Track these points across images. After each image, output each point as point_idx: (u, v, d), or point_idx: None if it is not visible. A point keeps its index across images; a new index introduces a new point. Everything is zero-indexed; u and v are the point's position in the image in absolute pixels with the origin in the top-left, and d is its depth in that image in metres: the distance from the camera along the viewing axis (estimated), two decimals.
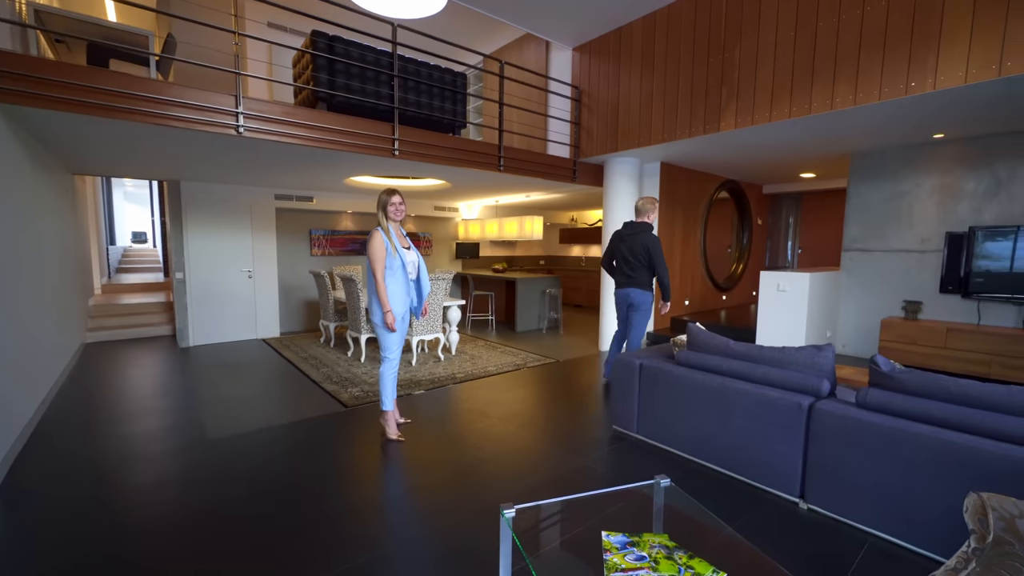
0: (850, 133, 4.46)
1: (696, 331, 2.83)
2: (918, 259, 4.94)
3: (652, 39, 4.97)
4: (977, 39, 3.09)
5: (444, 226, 8.84)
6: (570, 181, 5.94)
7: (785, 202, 8.70)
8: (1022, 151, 4.34)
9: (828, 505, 2.14)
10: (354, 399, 3.93)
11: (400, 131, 4.33)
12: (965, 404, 1.84)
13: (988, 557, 1.15)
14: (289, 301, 7.04)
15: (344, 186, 6.43)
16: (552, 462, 2.74)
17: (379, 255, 2.80)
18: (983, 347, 4.31)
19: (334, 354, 5.54)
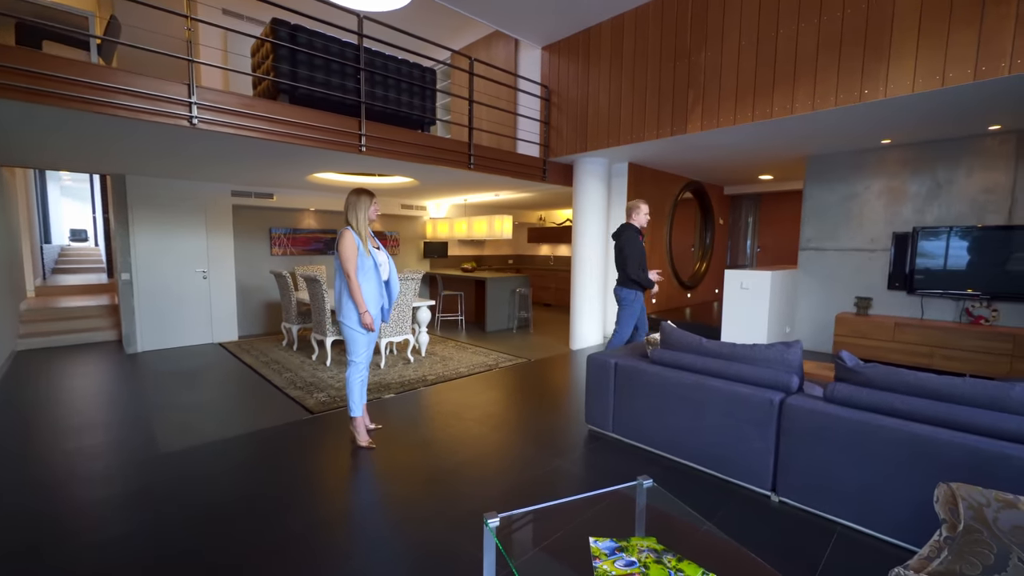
0: (807, 137, 4.66)
1: (669, 330, 2.87)
2: (868, 257, 5.23)
3: (620, 41, 5.03)
4: (923, 52, 3.28)
5: (411, 225, 8.67)
6: (540, 180, 5.93)
7: (744, 203, 9.03)
8: (959, 156, 4.65)
9: (799, 497, 2.21)
10: (320, 405, 3.77)
11: (367, 126, 4.19)
12: (924, 396, 1.93)
13: (959, 545, 1.20)
14: (248, 303, 6.71)
15: (307, 183, 6.18)
16: (529, 464, 2.71)
17: (351, 255, 2.73)
18: (926, 340, 4.60)
19: (298, 358, 5.32)
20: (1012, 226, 4.37)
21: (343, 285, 2.81)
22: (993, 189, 4.51)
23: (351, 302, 2.79)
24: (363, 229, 2.83)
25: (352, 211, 2.83)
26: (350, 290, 2.76)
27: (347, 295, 2.80)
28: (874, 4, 3.45)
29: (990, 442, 1.72)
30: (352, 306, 2.79)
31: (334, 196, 7.22)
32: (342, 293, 2.82)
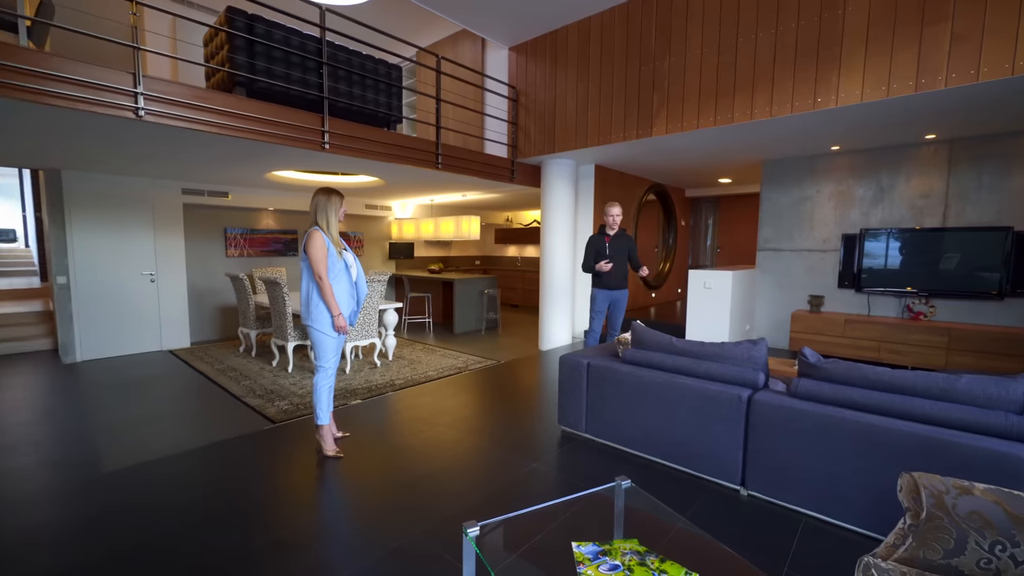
0: (765, 142, 4.86)
1: (641, 329, 2.91)
2: (820, 258, 5.51)
3: (587, 44, 5.08)
4: (870, 64, 3.48)
5: (376, 225, 8.46)
6: (508, 181, 5.92)
7: (704, 205, 9.34)
8: (900, 163, 4.97)
9: (766, 490, 2.28)
10: (283, 413, 3.60)
11: (331, 123, 4.04)
12: (881, 389, 2.03)
13: (922, 532, 1.26)
14: (201, 307, 6.35)
15: (265, 181, 5.91)
16: (504, 468, 2.68)
17: (322, 256, 2.63)
18: (873, 335, 4.88)
19: (257, 364, 5.07)
20: (946, 228, 4.72)
21: (312, 288, 2.70)
22: (929, 194, 4.85)
23: (321, 305, 2.69)
24: (333, 230, 2.75)
25: (321, 212, 2.73)
26: (322, 293, 2.67)
27: (317, 298, 2.70)
28: (826, 18, 3.63)
29: (941, 431, 1.83)
30: (323, 309, 2.70)
31: (295, 195, 6.95)
32: (311, 296, 2.71)
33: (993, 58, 3.06)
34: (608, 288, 4.38)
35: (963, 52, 3.15)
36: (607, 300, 4.41)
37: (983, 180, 4.56)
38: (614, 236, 4.37)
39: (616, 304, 4.44)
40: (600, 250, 4.35)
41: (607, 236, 4.36)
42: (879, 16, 3.42)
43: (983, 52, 3.09)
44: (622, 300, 4.45)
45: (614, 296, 4.41)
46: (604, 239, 4.37)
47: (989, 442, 1.73)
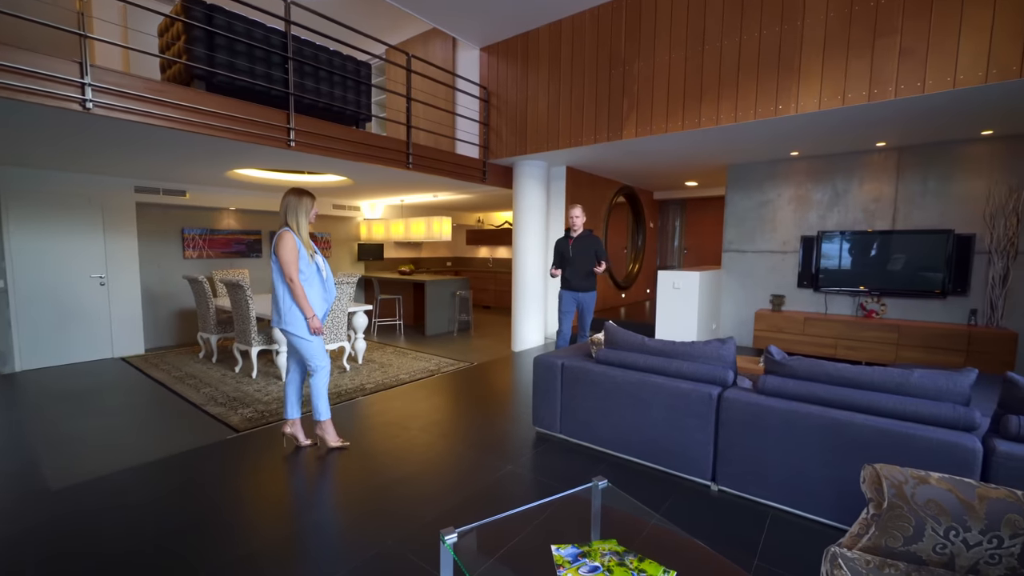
0: (730, 146, 5.01)
1: (613, 330, 2.94)
2: (781, 259, 5.73)
3: (558, 47, 5.12)
4: (827, 74, 3.64)
5: (345, 226, 8.26)
6: (480, 182, 5.89)
7: (672, 207, 9.57)
8: (853, 169, 5.24)
9: (735, 485, 2.34)
10: (247, 421, 3.46)
11: (296, 120, 3.92)
12: (842, 384, 2.12)
13: (884, 521, 1.32)
14: (157, 312, 6.04)
15: (226, 179, 5.67)
16: (480, 471, 2.65)
17: (293, 258, 2.61)
18: (830, 332, 5.12)
19: (218, 371, 4.86)
20: (894, 231, 4.99)
21: (284, 291, 2.66)
22: (880, 198, 5.12)
23: (295, 309, 2.66)
24: (304, 232, 2.72)
25: (292, 212, 2.71)
26: (294, 296, 2.63)
27: (291, 302, 2.66)
28: (786, 29, 3.78)
29: (897, 423, 1.92)
30: (297, 313, 2.67)
31: (258, 194, 6.70)
32: (284, 300, 2.66)
33: (937, 72, 3.26)
34: (573, 289, 4.42)
35: (910, 65, 3.34)
36: (573, 301, 4.45)
37: (928, 185, 4.85)
38: (578, 237, 4.40)
39: (583, 305, 4.46)
40: (564, 252, 4.40)
41: (571, 238, 4.41)
42: (835, 29, 3.59)
43: (928, 66, 3.29)
44: (588, 301, 4.46)
45: (580, 297, 4.43)
46: (568, 241, 4.41)
47: (940, 432, 1.84)
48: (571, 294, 4.44)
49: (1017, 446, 1.71)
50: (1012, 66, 3.06)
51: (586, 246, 4.38)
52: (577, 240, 4.39)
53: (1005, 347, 4.25)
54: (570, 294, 4.44)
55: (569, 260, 4.36)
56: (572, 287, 4.41)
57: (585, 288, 4.42)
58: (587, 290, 4.42)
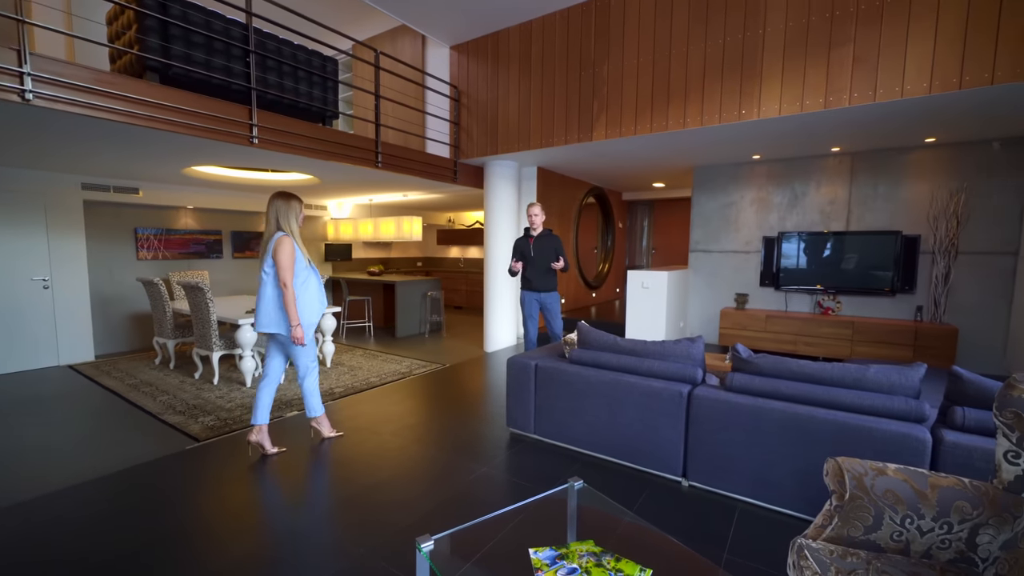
0: (696, 149, 5.15)
1: (586, 330, 2.97)
2: (744, 258, 5.93)
3: (528, 47, 5.13)
4: (787, 81, 3.79)
5: (311, 225, 8.03)
6: (451, 182, 5.84)
7: (640, 208, 9.76)
8: (810, 172, 5.48)
9: (705, 480, 2.41)
10: (208, 430, 3.31)
11: (259, 116, 3.77)
12: (804, 380, 2.21)
13: (846, 512, 1.38)
14: (108, 316, 5.70)
15: (183, 177, 5.41)
16: (454, 474, 2.62)
17: (290, 264, 2.65)
18: (790, 329, 5.34)
19: (176, 377, 4.63)
20: (848, 232, 5.25)
21: (277, 295, 2.71)
22: (835, 200, 5.38)
23: (294, 308, 2.72)
24: (299, 237, 2.77)
25: (284, 217, 2.73)
26: (284, 300, 2.67)
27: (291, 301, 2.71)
28: (748, 36, 3.91)
29: (856, 417, 2.02)
30: (295, 315, 2.72)
31: (218, 192, 6.43)
32: (275, 305, 2.73)
33: (887, 81, 3.44)
34: (535, 290, 4.28)
35: (863, 74, 3.52)
36: (535, 303, 4.31)
37: (879, 189, 5.12)
38: (538, 236, 4.28)
39: (547, 307, 4.30)
40: (524, 251, 4.27)
41: (531, 237, 4.29)
42: (794, 37, 3.74)
43: (879, 75, 3.47)
44: (551, 302, 4.29)
45: (542, 298, 4.29)
46: (528, 240, 4.29)
47: (895, 425, 1.94)
48: (533, 295, 4.30)
49: (962, 436, 1.82)
50: (952, 78, 3.27)
51: (546, 245, 4.25)
52: (538, 239, 4.27)
53: (948, 342, 4.54)
54: (532, 295, 4.30)
55: (530, 259, 4.24)
56: (533, 287, 4.27)
57: (546, 288, 4.28)
58: (548, 290, 4.29)
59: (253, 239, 7.10)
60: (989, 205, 4.61)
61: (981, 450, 1.76)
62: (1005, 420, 1.34)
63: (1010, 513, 1.30)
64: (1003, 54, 3.10)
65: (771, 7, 3.80)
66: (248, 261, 7.09)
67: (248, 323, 4.27)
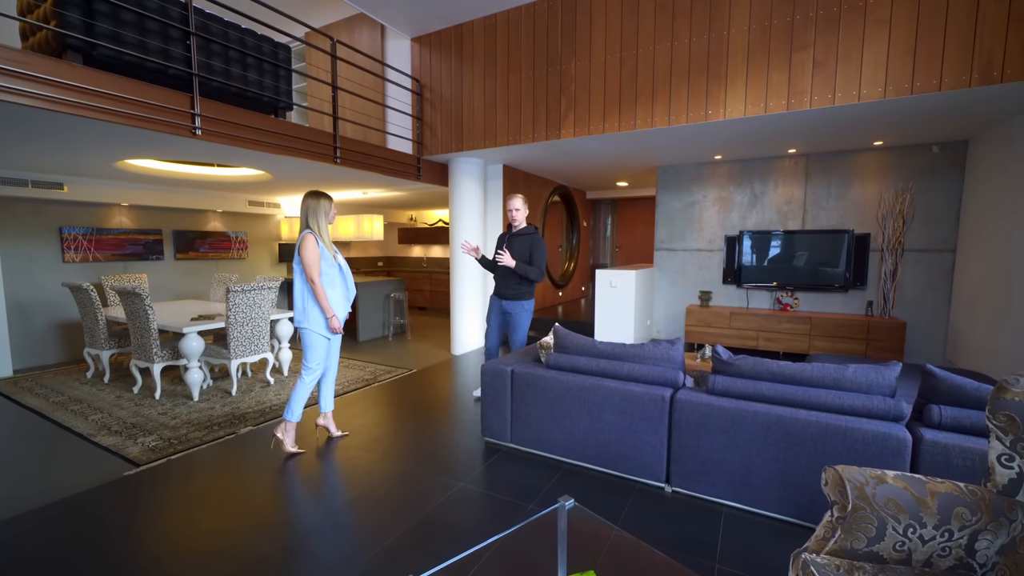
0: (662, 148, 5.18)
1: (563, 333, 2.88)
2: (707, 257, 6.05)
3: (494, 42, 4.99)
4: (751, 83, 3.84)
5: (262, 224, 7.55)
6: (415, 179, 5.62)
7: (603, 207, 9.84)
8: (768, 173, 5.64)
9: (688, 485, 2.37)
10: (150, 452, 2.98)
11: (203, 105, 3.44)
12: (784, 381, 2.21)
13: (849, 523, 1.34)
14: (28, 325, 5.11)
15: (116, 171, 4.91)
16: (430, 489, 2.46)
17: (315, 260, 2.74)
18: (752, 325, 5.48)
19: (111, 392, 4.19)
20: (805, 231, 5.45)
21: (306, 290, 2.80)
22: (791, 201, 5.56)
23: (316, 308, 2.81)
24: (325, 234, 2.84)
25: (312, 215, 2.82)
26: (316, 295, 2.77)
27: (312, 301, 2.81)
28: (714, 37, 3.94)
29: (837, 417, 2.02)
30: (318, 312, 2.81)
31: (158, 188, 5.90)
32: (305, 299, 2.81)
33: (845, 85, 3.55)
34: (500, 297, 3.68)
35: (823, 78, 3.61)
36: (499, 312, 3.69)
37: (831, 189, 5.34)
38: (516, 234, 3.67)
39: (512, 319, 3.65)
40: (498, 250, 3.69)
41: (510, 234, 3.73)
42: (757, 40, 3.79)
43: (837, 79, 3.57)
44: (518, 313, 3.64)
45: (505, 307, 3.66)
46: (505, 236, 3.74)
47: (875, 424, 1.95)
48: (498, 302, 3.71)
49: (940, 434, 1.85)
50: (905, 84, 3.40)
51: (522, 244, 3.61)
52: (515, 237, 3.66)
53: (896, 335, 4.79)
54: (496, 302, 3.72)
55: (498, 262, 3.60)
56: (498, 292, 3.70)
57: (511, 295, 3.59)
58: (514, 298, 3.59)
59: (198, 239, 6.58)
60: (930, 205, 4.89)
61: (959, 448, 1.79)
62: (998, 423, 1.34)
63: (1005, 517, 1.30)
64: (949, 62, 3.25)
65: (735, 9, 3.84)
66: (193, 263, 6.57)
67: (194, 331, 3.92)
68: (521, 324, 3.64)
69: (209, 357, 4.18)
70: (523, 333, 3.66)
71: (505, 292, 3.63)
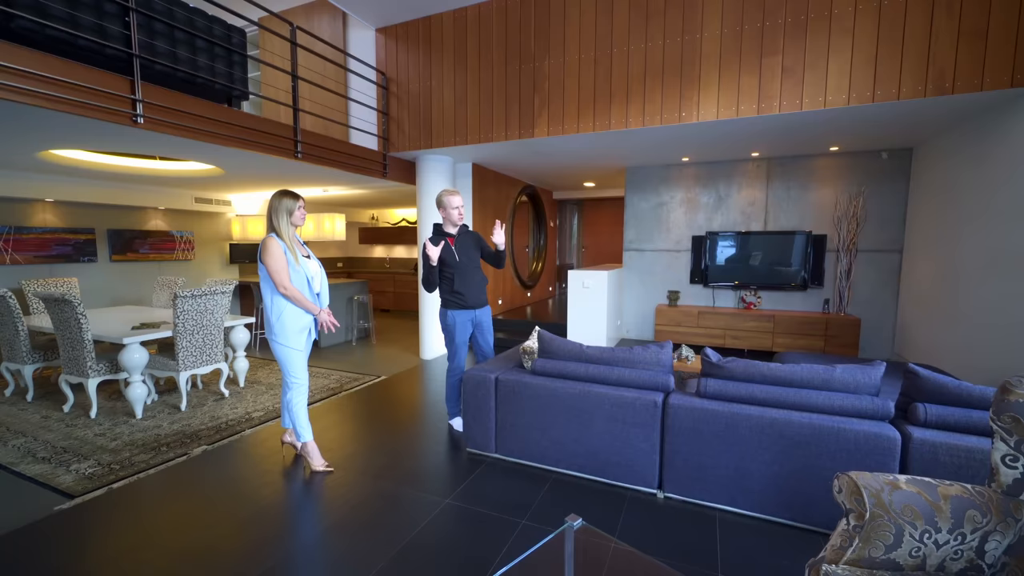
0: (631, 150, 5.20)
1: (548, 338, 2.78)
2: (675, 257, 6.16)
3: (464, 36, 4.83)
4: (723, 87, 3.89)
5: (211, 223, 7.02)
6: (381, 177, 5.37)
7: (570, 207, 9.87)
8: (732, 175, 5.80)
9: (680, 490, 2.33)
10: (87, 480, 2.64)
11: (146, 91, 3.10)
12: (775, 383, 2.21)
13: (867, 532, 1.32)
14: None
15: (40, 163, 4.38)
16: (414, 510, 2.30)
17: (281, 266, 2.51)
18: (719, 324, 5.62)
19: (36, 412, 3.72)
20: (767, 232, 5.64)
21: (275, 300, 2.57)
22: (754, 202, 5.75)
23: (284, 319, 2.58)
24: (288, 236, 2.60)
25: (275, 215, 2.58)
26: (295, 301, 2.57)
27: (279, 311, 2.57)
28: (687, 40, 3.97)
29: (829, 418, 2.04)
30: (285, 323, 2.58)
31: (89, 183, 5.33)
32: (272, 311, 2.58)
33: (812, 91, 3.66)
34: (468, 307, 3.18)
35: (791, 83, 3.71)
36: (469, 324, 3.22)
37: (791, 192, 5.55)
38: (459, 235, 3.24)
39: (483, 325, 3.29)
40: (447, 259, 3.13)
41: (451, 237, 3.21)
42: (729, 44, 3.85)
43: (805, 85, 3.68)
44: (487, 318, 3.30)
45: (477, 316, 3.25)
46: (447, 240, 3.18)
47: (865, 424, 1.98)
48: (467, 315, 3.18)
49: (927, 432, 1.90)
50: (867, 92, 3.54)
51: (469, 244, 3.24)
52: (460, 239, 3.21)
53: (852, 331, 5.03)
54: (466, 315, 3.18)
55: (458, 267, 3.12)
56: (467, 304, 3.16)
57: (482, 302, 3.26)
58: (483, 304, 3.28)
59: (137, 239, 6.02)
60: (880, 208, 5.17)
61: (946, 446, 1.84)
62: (1003, 424, 1.36)
63: (1012, 517, 1.32)
64: (907, 73, 3.41)
65: (707, 13, 3.89)
66: (132, 265, 6.01)
67: (137, 341, 3.54)
68: (491, 327, 3.36)
69: (154, 369, 3.79)
70: (492, 336, 3.39)
71: (479, 297, 3.24)
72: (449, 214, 3.18)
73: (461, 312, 3.18)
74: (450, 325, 3.17)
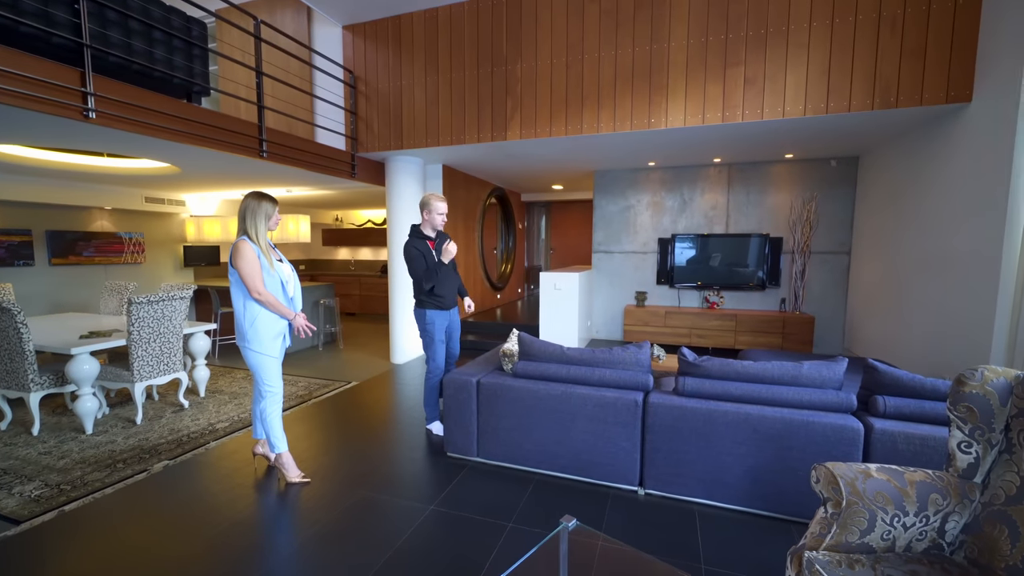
0: (601, 153, 5.31)
1: (529, 340, 2.80)
2: (642, 259, 6.33)
3: (435, 37, 4.80)
4: (690, 95, 4.04)
5: (164, 224, 6.64)
6: (349, 177, 5.24)
7: (537, 209, 9.95)
8: (696, 180, 6.03)
9: (661, 487, 2.41)
10: (33, 504, 2.44)
11: (98, 83, 2.90)
12: (748, 380, 2.32)
13: (844, 518, 1.40)
14: None
15: None
16: (399, 519, 2.26)
17: (255, 270, 2.42)
18: (685, 323, 5.82)
19: None
20: (728, 234, 5.89)
21: (247, 305, 2.48)
22: (716, 206, 5.99)
23: (256, 325, 2.49)
24: (263, 240, 2.51)
25: (250, 218, 2.48)
26: (269, 306, 2.48)
27: (252, 317, 2.48)
28: (655, 48, 4.09)
29: (798, 412, 2.16)
30: (258, 329, 2.49)
31: (24, 180, 4.92)
32: (245, 317, 2.49)
33: (772, 101, 3.86)
34: (446, 308, 3.28)
35: (753, 93, 3.90)
36: (445, 324, 3.31)
37: (750, 197, 5.82)
38: (438, 238, 3.29)
39: (455, 325, 3.41)
40: (429, 258, 3.17)
41: (431, 240, 3.25)
42: (695, 54, 4.00)
43: (765, 95, 3.87)
44: (457, 319, 3.42)
45: (452, 317, 3.37)
46: (428, 243, 3.23)
47: (832, 417, 2.11)
48: (446, 315, 3.29)
49: (887, 422, 2.04)
50: (821, 103, 3.77)
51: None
52: (439, 243, 3.29)
53: (807, 328, 5.34)
54: (445, 315, 3.28)
55: (441, 269, 3.16)
56: (447, 305, 3.27)
57: (455, 303, 3.44)
58: (455, 305, 3.44)
59: (80, 241, 5.61)
60: (831, 212, 5.51)
61: (903, 435, 1.98)
62: (959, 414, 1.48)
63: (968, 498, 1.44)
64: (856, 87, 3.65)
65: (674, 23, 4.03)
66: (74, 268, 5.59)
67: (86, 352, 3.30)
68: (459, 327, 3.44)
69: (105, 381, 3.55)
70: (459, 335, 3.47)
71: (454, 299, 3.34)
72: (434, 219, 3.22)
73: (440, 313, 3.27)
74: (430, 325, 3.22)
